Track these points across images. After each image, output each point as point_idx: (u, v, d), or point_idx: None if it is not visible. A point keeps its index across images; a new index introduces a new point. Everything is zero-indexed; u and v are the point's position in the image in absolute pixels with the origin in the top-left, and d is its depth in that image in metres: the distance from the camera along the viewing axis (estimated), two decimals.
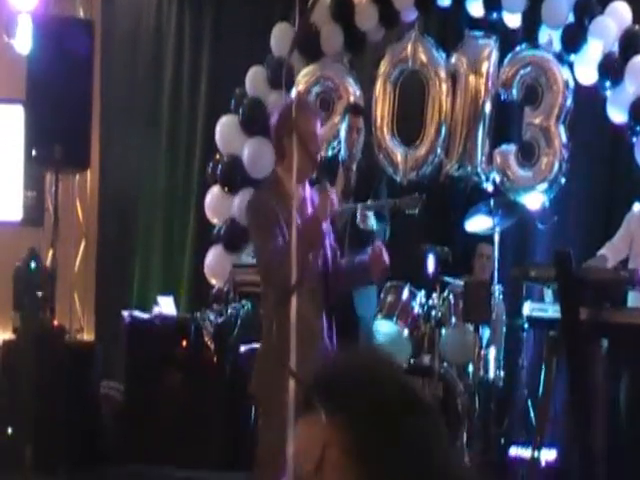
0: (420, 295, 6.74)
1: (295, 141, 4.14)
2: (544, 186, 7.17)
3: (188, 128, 8.64)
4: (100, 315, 8.73)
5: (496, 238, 6.81)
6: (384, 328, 6.74)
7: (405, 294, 6.76)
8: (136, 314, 7.46)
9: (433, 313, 6.61)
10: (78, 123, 7.72)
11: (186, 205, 8.57)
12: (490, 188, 7.40)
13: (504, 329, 6.87)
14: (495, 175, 7.33)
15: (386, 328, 6.75)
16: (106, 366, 7.78)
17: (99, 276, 8.83)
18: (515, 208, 7.08)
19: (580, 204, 7.40)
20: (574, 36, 6.97)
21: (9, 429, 6.93)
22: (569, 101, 7.13)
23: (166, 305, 7.55)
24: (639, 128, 6.79)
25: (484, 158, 7.37)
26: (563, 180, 7.18)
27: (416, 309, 6.73)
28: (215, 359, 7.02)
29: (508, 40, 7.42)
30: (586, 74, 7.00)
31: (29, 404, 6.84)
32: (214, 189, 7.82)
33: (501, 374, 6.76)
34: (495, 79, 7.34)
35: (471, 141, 7.41)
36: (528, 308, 6.15)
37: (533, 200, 7.22)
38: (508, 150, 7.32)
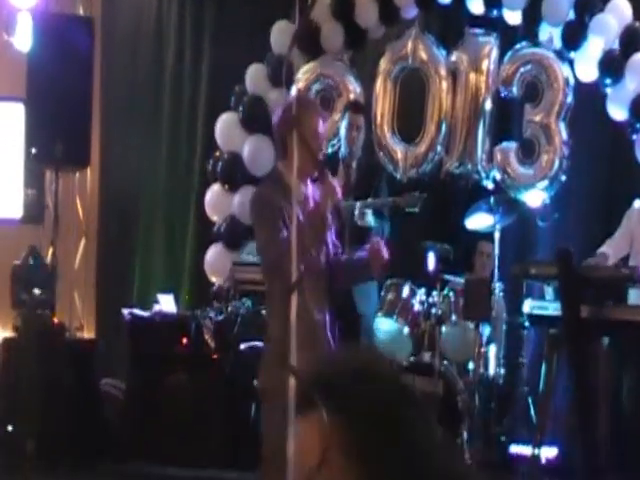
0: (420, 293, 6.74)
1: (297, 139, 4.13)
2: (544, 183, 7.17)
3: (188, 126, 8.63)
4: (100, 313, 8.73)
5: (496, 236, 6.80)
6: (384, 326, 6.74)
7: (405, 292, 6.76)
8: (136, 312, 7.46)
9: (433, 311, 6.61)
10: (78, 121, 7.72)
11: (186, 203, 8.56)
12: (490, 186, 7.39)
13: (504, 327, 6.86)
14: (495, 172, 7.33)
15: (386, 326, 6.75)
16: (107, 364, 7.79)
17: (99, 274, 8.82)
18: (515, 206, 7.08)
19: (580, 201, 7.40)
20: (574, 33, 6.96)
21: (10, 426, 6.93)
22: (569, 98, 7.12)
23: (166, 303, 7.55)
24: (639, 125, 6.79)
25: (484, 156, 7.37)
26: (563, 177, 7.17)
27: (416, 307, 6.73)
28: (215, 357, 7.02)
29: (508, 37, 7.41)
30: (586, 71, 6.99)
31: (30, 402, 6.85)
32: (214, 187, 7.82)
33: (501, 372, 6.76)
34: (495, 76, 7.33)
35: (471, 138, 7.40)
36: (528, 306, 6.15)
37: (533, 197, 7.22)
38: (508, 147, 7.31)
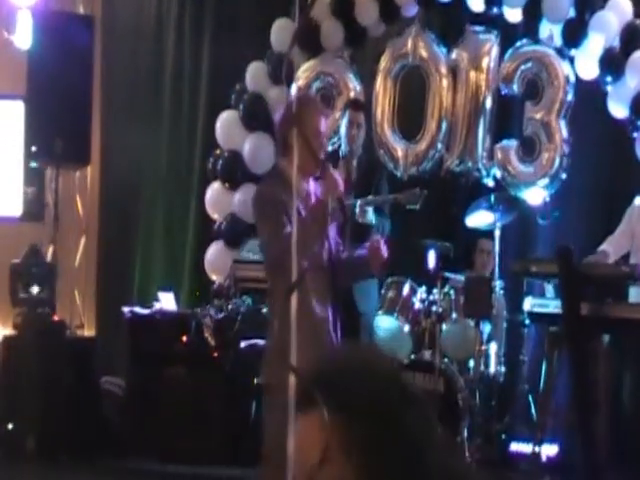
0: (421, 290, 6.74)
1: (297, 137, 4.12)
2: (545, 181, 7.16)
3: (189, 123, 8.62)
4: (101, 311, 8.73)
5: (497, 233, 6.80)
6: (385, 324, 6.74)
7: (406, 289, 6.76)
8: (137, 310, 7.47)
9: (434, 308, 6.61)
10: (78, 119, 7.73)
11: (187, 201, 8.56)
12: (491, 183, 7.39)
13: (505, 324, 6.86)
14: (496, 170, 7.32)
15: (387, 324, 6.75)
16: (107, 361, 7.79)
17: (100, 272, 8.82)
18: (516, 203, 7.07)
19: (581, 199, 7.39)
20: (575, 31, 6.95)
21: (10, 424, 6.93)
22: (570, 96, 7.11)
23: (167, 301, 7.55)
24: None
25: (485, 153, 7.36)
26: (564, 175, 7.16)
27: (417, 304, 6.72)
28: (215, 354, 7.02)
29: (509, 35, 7.40)
30: (587, 69, 6.98)
31: (30, 400, 6.85)
32: (215, 185, 7.82)
33: (502, 369, 6.76)
34: (496, 74, 7.33)
35: (472, 136, 7.39)
36: (529, 303, 6.15)
37: (534, 195, 7.21)
38: (509, 145, 7.30)
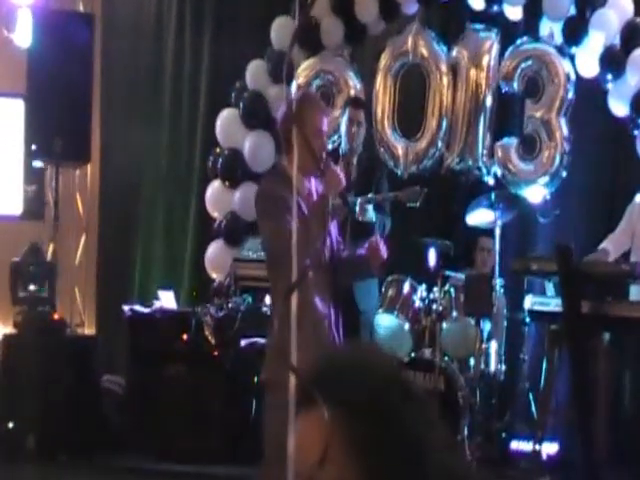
0: (421, 289, 6.73)
1: (297, 135, 4.11)
2: (545, 179, 7.15)
3: (189, 122, 8.62)
4: (101, 309, 8.73)
5: (497, 231, 6.79)
6: (385, 322, 6.74)
7: (406, 288, 6.75)
8: (137, 308, 7.46)
9: (434, 307, 6.61)
10: (78, 117, 7.72)
11: (187, 199, 8.56)
12: (491, 181, 7.38)
13: (505, 323, 6.86)
14: (496, 168, 7.31)
15: (387, 322, 6.74)
16: (107, 360, 7.79)
17: (100, 270, 8.82)
18: (516, 201, 7.06)
19: (582, 197, 7.38)
20: (575, 28, 6.94)
21: (10, 423, 6.93)
22: (570, 94, 7.11)
23: (167, 299, 7.55)
24: None
25: (485, 151, 7.35)
26: (564, 173, 7.16)
27: (417, 303, 6.72)
28: (216, 353, 7.02)
29: (509, 33, 7.40)
30: (587, 67, 6.98)
31: (30, 398, 6.84)
32: (215, 183, 7.81)
33: (502, 368, 6.75)
34: (496, 72, 7.32)
35: (472, 134, 7.38)
36: (529, 302, 6.15)
37: (534, 193, 7.21)
38: (509, 143, 7.30)
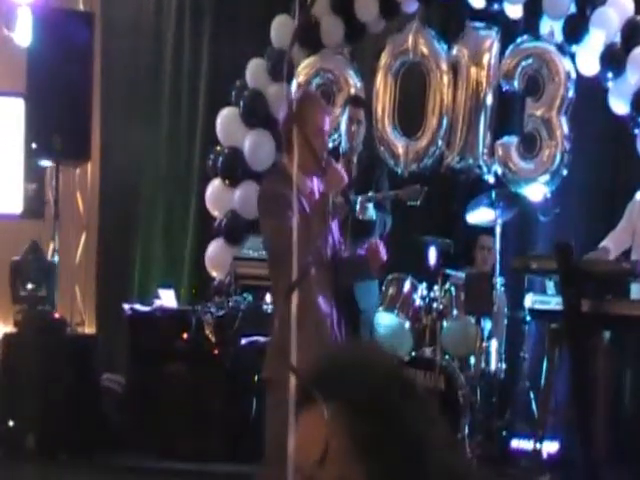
0: (422, 287, 6.73)
1: (298, 134, 4.11)
2: (546, 178, 7.15)
3: (188, 120, 8.62)
4: (101, 308, 8.72)
5: (498, 230, 6.79)
6: (386, 320, 6.74)
7: (407, 286, 6.75)
8: (137, 307, 7.46)
9: (435, 305, 6.61)
10: (78, 115, 7.72)
11: (187, 198, 8.55)
12: (492, 180, 7.38)
13: (506, 321, 6.86)
14: (497, 167, 7.31)
15: (388, 320, 6.74)
16: (107, 359, 7.79)
17: (100, 268, 8.81)
18: (517, 200, 7.06)
19: (582, 196, 7.38)
20: (576, 27, 6.94)
21: (11, 421, 6.93)
22: (571, 92, 7.10)
23: (167, 298, 7.54)
24: None
25: (486, 150, 7.35)
26: (565, 172, 7.16)
27: (418, 301, 6.72)
28: (216, 352, 7.02)
29: (509, 31, 7.39)
30: (588, 65, 6.97)
31: (30, 397, 6.84)
32: (215, 182, 7.81)
33: (503, 366, 6.75)
34: (496, 70, 7.32)
35: (472, 133, 7.38)
36: (530, 300, 6.14)
37: (535, 192, 7.21)
38: (510, 142, 7.30)
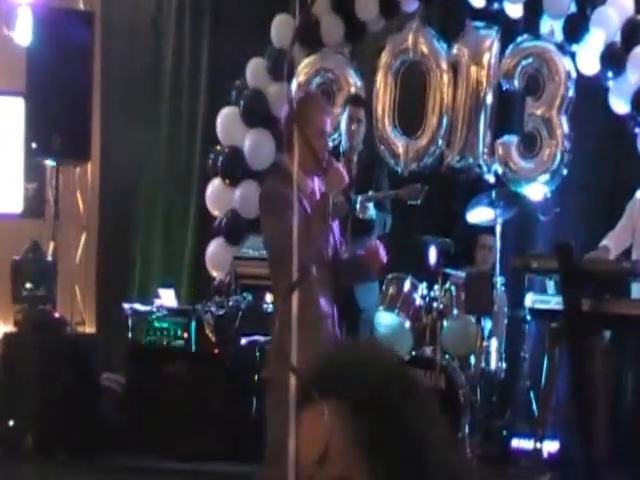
0: (422, 287, 6.73)
1: (299, 135, 4.11)
2: (546, 177, 7.15)
3: (189, 120, 8.61)
4: (101, 307, 8.72)
5: (498, 229, 6.79)
6: (386, 320, 6.74)
7: (407, 286, 6.75)
8: (137, 306, 7.45)
9: (435, 305, 6.61)
10: (78, 115, 7.71)
11: (187, 197, 8.55)
12: (492, 179, 7.38)
13: (506, 320, 6.86)
14: (497, 166, 7.31)
15: (388, 320, 6.74)
16: (107, 358, 7.78)
17: (100, 268, 8.81)
18: (517, 199, 7.06)
19: (582, 195, 7.38)
20: (576, 26, 6.94)
21: (10, 421, 6.93)
22: (571, 91, 7.10)
23: (167, 297, 7.54)
24: None
25: (486, 149, 7.35)
26: (565, 171, 7.16)
27: (418, 301, 6.72)
28: (216, 351, 7.01)
29: (509, 30, 7.39)
30: (588, 64, 6.97)
31: (30, 396, 6.84)
32: (215, 181, 7.80)
33: (503, 366, 6.75)
34: (496, 70, 7.32)
35: (472, 132, 7.38)
36: (530, 299, 6.14)
37: (535, 191, 7.21)
38: (510, 141, 7.30)
